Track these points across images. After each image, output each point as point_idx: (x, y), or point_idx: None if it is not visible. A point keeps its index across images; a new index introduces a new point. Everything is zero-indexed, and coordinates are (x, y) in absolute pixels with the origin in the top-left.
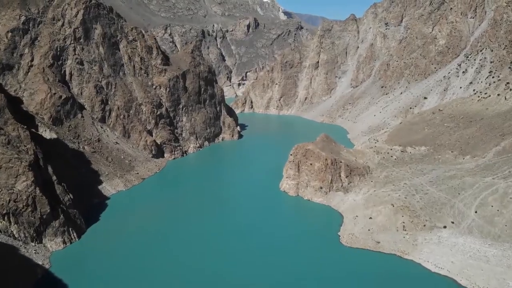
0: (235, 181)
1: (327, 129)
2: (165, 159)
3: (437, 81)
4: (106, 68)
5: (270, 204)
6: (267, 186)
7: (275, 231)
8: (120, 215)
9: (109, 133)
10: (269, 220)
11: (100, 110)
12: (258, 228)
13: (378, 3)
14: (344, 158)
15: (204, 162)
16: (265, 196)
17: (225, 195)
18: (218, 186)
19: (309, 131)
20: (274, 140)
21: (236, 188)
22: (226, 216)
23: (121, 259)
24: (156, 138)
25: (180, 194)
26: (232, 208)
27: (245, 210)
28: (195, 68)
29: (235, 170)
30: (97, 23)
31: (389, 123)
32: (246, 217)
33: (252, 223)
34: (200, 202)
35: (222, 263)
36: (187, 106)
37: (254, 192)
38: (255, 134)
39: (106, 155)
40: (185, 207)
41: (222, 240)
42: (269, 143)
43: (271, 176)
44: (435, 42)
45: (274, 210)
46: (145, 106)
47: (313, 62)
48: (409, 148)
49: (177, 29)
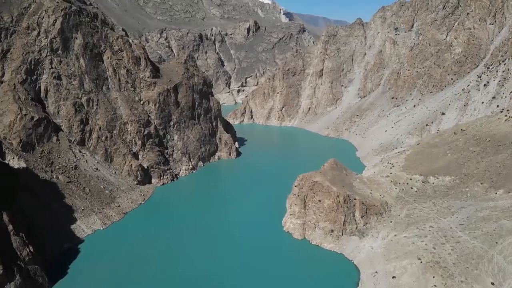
0: (231, 215)
1: (333, 144)
2: (152, 186)
3: (455, 94)
4: (87, 83)
5: (270, 250)
6: (268, 223)
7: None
8: (92, 265)
9: (89, 157)
10: (269, 274)
11: (79, 132)
12: (253, 285)
13: (386, 7)
14: (358, 193)
15: (196, 189)
16: (265, 239)
17: (219, 234)
18: (211, 221)
19: (315, 147)
20: (276, 160)
21: (232, 225)
22: (218, 266)
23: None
24: (142, 161)
25: (167, 233)
26: (226, 254)
27: (240, 259)
28: (188, 80)
29: (231, 199)
30: (78, 32)
31: (402, 141)
32: (242, 269)
33: (247, 276)
34: (189, 244)
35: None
36: (179, 123)
37: (253, 231)
38: (254, 151)
39: (83, 186)
40: (172, 250)
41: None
42: (270, 163)
43: (273, 208)
44: (450, 50)
45: (274, 260)
46: (130, 125)
47: (317, 70)
48: (431, 178)
49: (173, 33)
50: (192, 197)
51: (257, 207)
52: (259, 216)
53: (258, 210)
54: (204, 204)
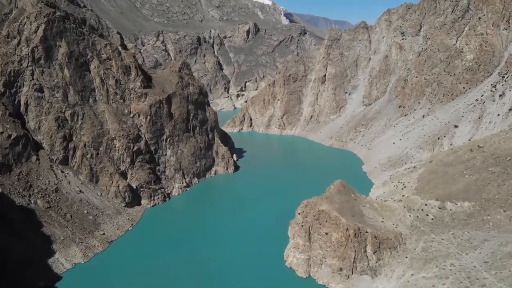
0: (227, 244)
1: (337, 157)
2: (141, 208)
3: (468, 105)
4: (71, 95)
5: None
6: (268, 255)
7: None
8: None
9: (72, 178)
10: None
11: (62, 149)
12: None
13: (392, 9)
14: (370, 224)
15: (189, 211)
16: (265, 275)
17: (213, 268)
18: (204, 250)
19: (318, 160)
20: (277, 175)
21: (228, 257)
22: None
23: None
24: (131, 180)
25: (155, 265)
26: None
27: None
28: (182, 90)
29: (227, 223)
30: (62, 39)
31: (413, 156)
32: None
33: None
34: (179, 279)
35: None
36: (172, 137)
37: (251, 265)
38: (254, 165)
39: (64, 211)
40: (160, 286)
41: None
42: (270, 179)
43: (274, 236)
44: (461, 56)
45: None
46: (118, 140)
47: (319, 76)
48: (448, 204)
49: (170, 36)
50: (184, 222)
51: (256, 233)
52: (259, 245)
53: (257, 237)
54: (197, 230)
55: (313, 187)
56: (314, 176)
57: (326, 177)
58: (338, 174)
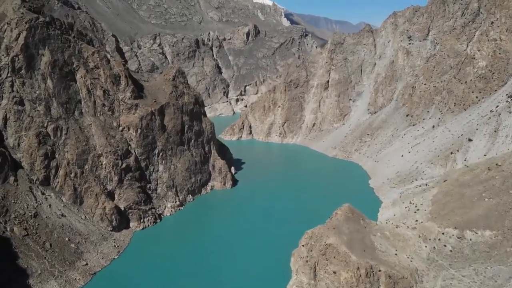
0: (222, 275)
1: (342, 170)
2: (130, 231)
3: (482, 117)
4: (55, 108)
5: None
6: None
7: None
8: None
9: (53, 200)
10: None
11: (43, 168)
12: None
13: (398, 12)
14: (383, 260)
15: (182, 234)
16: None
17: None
18: (196, 281)
19: (323, 173)
20: (278, 191)
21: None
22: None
23: None
24: (119, 201)
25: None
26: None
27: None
28: (177, 100)
29: (222, 249)
30: (45, 47)
31: (423, 171)
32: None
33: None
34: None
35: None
36: (165, 151)
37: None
38: (253, 178)
39: (43, 239)
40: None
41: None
42: (270, 196)
43: (274, 267)
44: (473, 63)
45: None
46: (106, 157)
47: (322, 82)
48: (468, 233)
49: (167, 38)
50: (176, 247)
51: (254, 264)
52: (257, 279)
53: (255, 269)
54: (190, 257)
55: (318, 206)
56: (318, 192)
57: (331, 193)
58: (344, 191)
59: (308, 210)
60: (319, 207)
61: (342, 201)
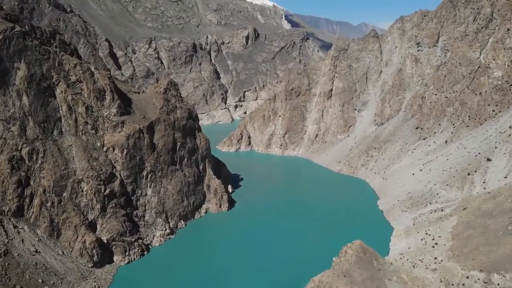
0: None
1: (349, 188)
2: (113, 267)
3: (500, 133)
4: (31, 128)
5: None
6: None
7: None
8: None
9: (27, 234)
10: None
11: (16, 197)
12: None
13: (405, 17)
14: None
15: (172, 268)
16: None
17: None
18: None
19: (327, 192)
20: (279, 213)
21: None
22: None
23: None
24: (101, 233)
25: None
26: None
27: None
28: (168, 115)
29: (216, 286)
30: (21, 60)
31: (438, 194)
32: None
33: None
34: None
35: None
36: (154, 172)
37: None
38: (252, 198)
39: (13, 282)
40: None
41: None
42: (270, 221)
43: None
44: (488, 72)
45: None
46: (87, 183)
47: (325, 90)
48: (495, 276)
49: (163, 42)
50: (165, 283)
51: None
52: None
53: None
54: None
55: (324, 233)
56: (324, 215)
57: (338, 217)
58: (352, 214)
59: (311, 238)
60: (325, 235)
61: (350, 227)
